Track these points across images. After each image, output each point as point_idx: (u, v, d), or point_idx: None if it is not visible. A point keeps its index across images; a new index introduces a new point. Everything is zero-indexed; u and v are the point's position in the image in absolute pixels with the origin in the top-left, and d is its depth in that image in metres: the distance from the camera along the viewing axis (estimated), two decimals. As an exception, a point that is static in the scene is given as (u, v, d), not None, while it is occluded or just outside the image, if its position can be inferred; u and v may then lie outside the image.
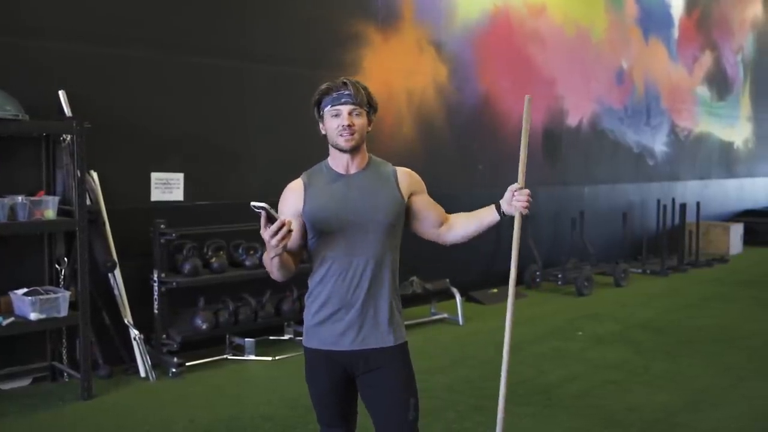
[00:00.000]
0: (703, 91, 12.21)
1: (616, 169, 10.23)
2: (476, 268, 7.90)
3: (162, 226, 5.14)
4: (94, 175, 5.00)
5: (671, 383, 5.00)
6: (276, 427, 4.15)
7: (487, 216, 2.64)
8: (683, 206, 10.32)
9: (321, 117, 2.52)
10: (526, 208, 2.55)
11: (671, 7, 11.22)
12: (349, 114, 2.45)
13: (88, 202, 4.74)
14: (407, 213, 2.58)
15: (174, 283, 5.17)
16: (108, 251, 4.93)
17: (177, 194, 5.53)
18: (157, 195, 5.44)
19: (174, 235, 5.14)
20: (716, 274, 9.69)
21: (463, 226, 2.65)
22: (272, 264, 2.37)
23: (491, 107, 8.12)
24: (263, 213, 2.19)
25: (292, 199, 2.52)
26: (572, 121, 9.31)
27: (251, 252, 5.61)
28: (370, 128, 2.54)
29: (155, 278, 5.19)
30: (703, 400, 4.66)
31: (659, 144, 11.13)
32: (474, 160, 7.98)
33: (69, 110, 4.83)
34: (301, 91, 6.44)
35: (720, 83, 12.66)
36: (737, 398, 4.71)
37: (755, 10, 13.57)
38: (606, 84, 9.92)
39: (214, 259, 5.42)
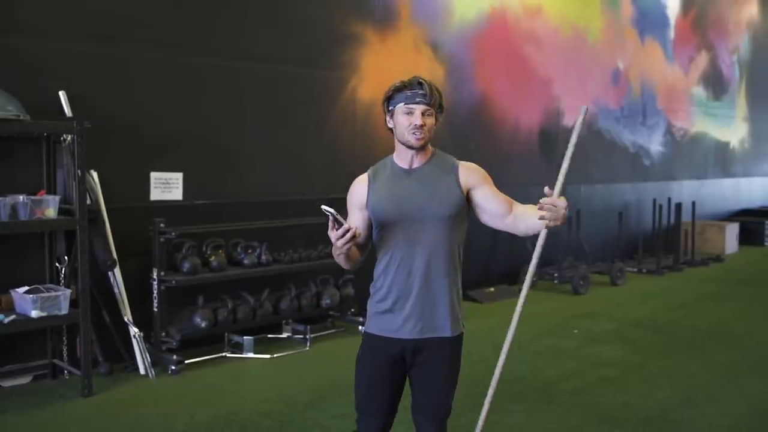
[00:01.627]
0: (699, 91, 12.27)
1: (613, 169, 10.29)
2: (474, 267, 7.94)
3: (161, 225, 5.19)
4: (94, 174, 5.04)
5: (666, 381, 5.05)
6: (274, 424, 4.19)
7: (532, 219, 2.56)
8: (679, 206, 10.39)
9: (390, 111, 2.59)
10: (553, 218, 2.46)
11: (667, 7, 11.28)
12: (422, 114, 2.53)
13: (88, 201, 4.78)
14: (473, 205, 2.63)
15: (173, 282, 5.21)
16: (108, 250, 4.97)
17: (176, 193, 5.57)
18: (156, 194, 5.48)
19: (173, 234, 5.18)
20: (712, 274, 9.75)
21: (521, 220, 2.60)
22: (338, 258, 2.53)
23: (488, 107, 8.17)
24: (330, 217, 2.35)
25: (358, 193, 2.64)
26: (568, 121, 9.36)
27: (250, 251, 5.65)
28: (436, 126, 2.61)
29: (155, 277, 5.23)
30: (697, 397, 4.71)
31: (655, 144, 11.19)
32: (471, 160, 8.00)
33: (69, 110, 4.87)
34: (300, 91, 6.54)
35: (716, 83, 12.72)
36: (732, 395, 4.77)
37: (751, 10, 13.63)
38: (602, 84, 9.98)
39: (213, 258, 5.47)
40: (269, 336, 5.94)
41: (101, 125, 4.99)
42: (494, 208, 2.63)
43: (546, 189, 2.49)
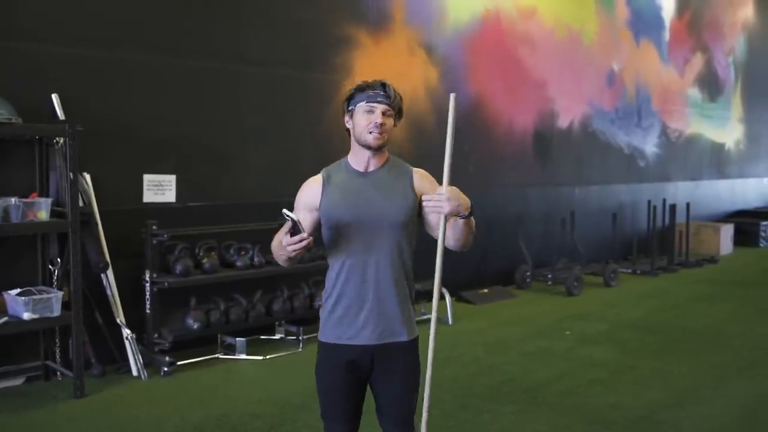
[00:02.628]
0: (695, 92, 12.30)
1: (607, 170, 10.32)
2: (467, 268, 7.97)
3: (154, 227, 5.21)
4: (87, 176, 5.07)
5: (656, 382, 5.08)
6: (264, 425, 4.22)
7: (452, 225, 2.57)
8: (673, 207, 10.42)
9: (350, 111, 2.58)
10: (433, 209, 2.47)
11: (662, 9, 11.31)
12: (383, 114, 2.52)
13: (81, 203, 4.81)
14: (418, 215, 2.63)
15: (166, 284, 5.24)
16: (100, 252, 4.99)
17: (169, 196, 5.60)
18: (149, 196, 5.50)
19: (166, 236, 5.20)
20: (706, 275, 9.77)
21: (450, 232, 2.61)
22: (280, 257, 2.52)
23: (482, 109, 8.20)
24: (290, 222, 2.35)
25: (310, 194, 2.59)
26: (563, 122, 9.40)
27: (242, 253, 5.68)
28: (392, 129, 2.61)
29: (147, 279, 5.25)
30: (687, 399, 4.74)
31: (650, 145, 11.22)
32: (465, 162, 8.05)
33: (62, 113, 4.89)
34: (293, 93, 6.56)
35: (711, 85, 12.75)
36: (720, 397, 4.80)
37: (746, 12, 13.66)
38: (597, 86, 10.01)
39: (205, 260, 5.49)
40: (262, 337, 5.97)
41: (95, 128, 5.02)
42: (436, 220, 2.61)
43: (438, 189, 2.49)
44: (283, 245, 2.39)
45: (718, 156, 13.10)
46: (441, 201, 2.44)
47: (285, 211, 2.36)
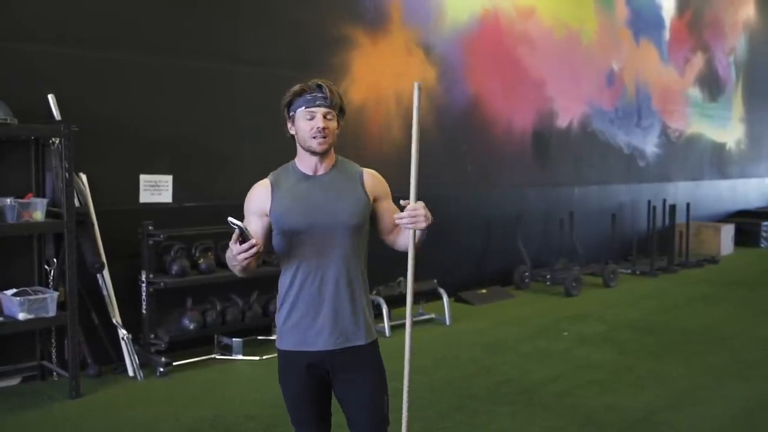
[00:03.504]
0: (695, 92, 12.28)
1: (607, 171, 10.30)
2: (466, 268, 7.96)
3: (150, 227, 5.21)
4: (83, 177, 5.07)
5: (654, 383, 5.06)
6: (259, 426, 4.21)
7: (404, 233, 2.57)
8: (673, 207, 10.39)
9: (291, 117, 2.53)
10: (411, 223, 2.42)
11: (662, 8, 11.29)
12: (324, 117, 2.47)
13: (77, 203, 4.81)
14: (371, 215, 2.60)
15: (162, 284, 5.23)
16: (96, 252, 4.99)
17: (166, 196, 5.59)
18: (146, 197, 5.50)
19: (162, 236, 5.20)
20: (705, 275, 9.75)
21: (401, 236, 2.61)
22: (234, 267, 2.46)
23: (480, 109, 8.18)
24: (237, 230, 2.29)
25: (259, 199, 2.54)
26: (562, 122, 9.38)
27: (239, 253, 5.66)
28: (338, 131, 2.56)
29: (143, 279, 5.25)
30: (684, 400, 4.73)
31: (650, 145, 11.20)
32: (463, 162, 8.04)
33: (58, 113, 4.88)
34: (290, 94, 6.54)
35: (712, 85, 12.72)
36: (718, 398, 4.78)
37: (747, 11, 13.63)
38: (596, 86, 9.99)
39: (202, 260, 5.48)
40: (259, 338, 5.96)
41: (91, 128, 5.02)
42: (388, 223, 2.61)
43: (402, 202, 2.46)
44: (233, 251, 2.34)
45: (719, 156, 13.07)
46: (418, 215, 2.40)
47: (230, 219, 2.28)
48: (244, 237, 2.30)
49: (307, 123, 2.47)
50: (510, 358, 5.64)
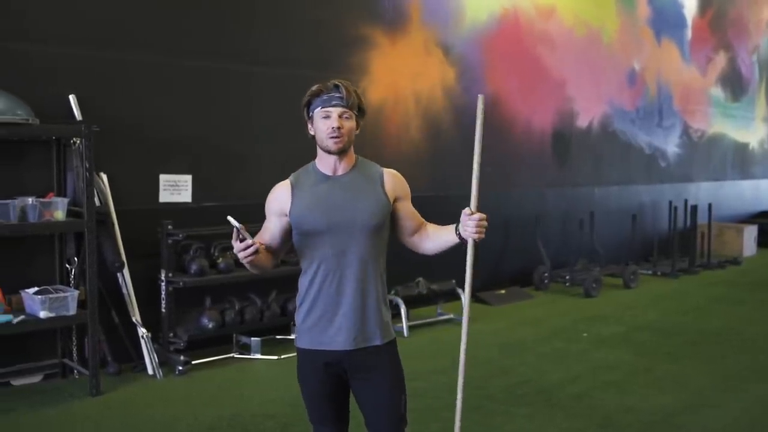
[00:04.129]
0: (717, 92, 12.15)
1: (628, 171, 10.23)
2: (484, 268, 7.94)
3: (169, 227, 5.25)
4: (104, 177, 5.12)
5: (672, 385, 5.03)
6: (276, 425, 4.24)
7: (447, 235, 2.63)
8: (694, 208, 10.29)
9: (310, 118, 2.55)
10: (477, 233, 2.51)
11: (684, 7, 11.19)
12: (339, 116, 2.48)
13: (98, 203, 4.86)
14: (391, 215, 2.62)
15: (181, 283, 5.27)
16: (116, 251, 5.04)
17: (185, 195, 5.64)
18: (165, 196, 5.55)
19: (181, 235, 5.24)
20: (727, 276, 9.66)
21: (431, 240, 2.66)
22: (247, 265, 2.50)
23: (499, 109, 8.16)
24: (235, 230, 2.34)
25: (279, 200, 2.57)
26: (582, 122, 9.33)
27: (258, 252, 5.69)
28: (357, 131, 2.57)
29: (163, 278, 5.30)
30: (702, 403, 4.69)
31: (672, 145, 11.11)
32: (482, 162, 8.01)
33: (79, 114, 4.94)
34: (309, 94, 6.56)
35: (735, 84, 12.59)
36: (737, 401, 4.74)
37: (771, 10, 13.48)
38: (617, 85, 9.92)
39: (220, 260, 5.52)
40: (278, 337, 5.99)
41: (112, 128, 5.08)
42: (409, 225, 2.64)
43: (466, 210, 2.52)
44: (234, 251, 2.39)
45: (742, 156, 12.93)
46: (482, 225, 2.50)
47: (229, 218, 2.34)
48: (241, 236, 2.34)
49: (323, 122, 2.49)
50: (528, 358, 5.63)
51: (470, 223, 2.49)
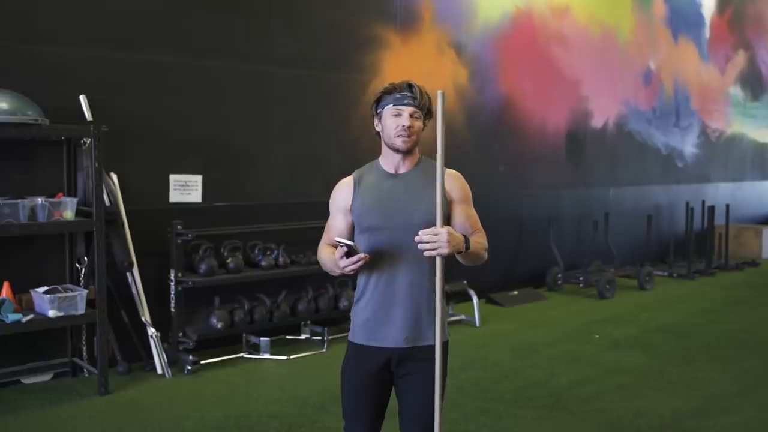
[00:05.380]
0: (736, 91, 12.01)
1: (643, 171, 10.13)
2: (497, 269, 7.89)
3: (179, 226, 5.26)
4: (114, 176, 5.14)
5: (684, 388, 4.96)
6: (282, 426, 4.23)
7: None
8: (712, 208, 10.17)
9: (378, 114, 2.57)
10: (434, 248, 2.39)
11: (702, 6, 11.06)
12: (410, 116, 2.51)
13: (108, 203, 4.88)
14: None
15: (190, 283, 5.28)
16: (126, 251, 5.06)
17: (195, 196, 5.65)
18: (175, 196, 5.56)
19: (190, 235, 5.25)
20: (745, 278, 9.54)
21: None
22: (332, 272, 2.57)
23: (513, 109, 8.11)
24: (344, 247, 2.39)
25: (343, 197, 2.61)
26: (597, 122, 9.25)
27: (267, 253, 5.70)
28: (423, 131, 2.58)
29: (172, 278, 5.31)
30: (714, 406, 4.63)
31: (689, 145, 10.99)
32: (495, 162, 7.98)
33: (90, 114, 4.96)
34: (320, 94, 6.57)
35: (754, 83, 12.43)
36: (749, 405, 4.67)
37: (792, 8, 13.29)
38: (633, 85, 9.83)
39: (230, 260, 5.52)
40: (287, 337, 5.99)
41: (122, 128, 5.10)
42: (461, 228, 2.59)
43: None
44: (339, 266, 2.42)
45: (762, 156, 12.77)
46: (440, 241, 2.38)
47: (338, 239, 2.42)
48: (351, 252, 2.39)
49: (393, 120, 2.52)
50: (538, 361, 5.58)
51: (423, 238, 2.40)
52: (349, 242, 2.39)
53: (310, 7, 6.31)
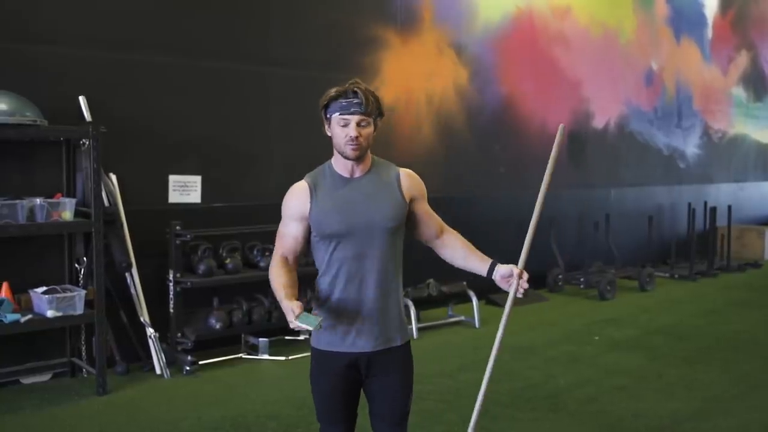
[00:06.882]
0: (739, 92, 11.98)
1: (645, 172, 10.11)
2: (497, 270, 7.87)
3: (178, 227, 5.27)
4: (113, 177, 5.15)
5: (682, 390, 4.95)
6: (280, 426, 4.23)
7: (478, 266, 2.72)
8: (714, 209, 10.14)
9: (328, 120, 2.53)
10: (523, 293, 2.63)
11: (704, 6, 11.04)
12: (358, 125, 2.46)
13: (107, 203, 4.89)
14: (408, 216, 2.62)
15: (189, 283, 5.29)
16: (125, 251, 5.06)
17: (194, 196, 5.65)
18: (175, 197, 5.57)
19: (189, 236, 5.25)
20: (747, 280, 9.51)
21: (457, 255, 2.69)
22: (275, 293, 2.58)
23: (513, 109, 8.10)
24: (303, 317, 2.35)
25: (298, 204, 2.54)
26: (598, 123, 9.24)
27: (266, 253, 5.69)
28: (375, 133, 2.55)
29: (171, 278, 5.31)
30: (712, 408, 4.61)
31: (691, 146, 10.96)
32: (495, 163, 7.98)
33: (89, 115, 4.97)
34: (320, 94, 6.52)
35: (757, 84, 12.40)
36: (748, 407, 4.65)
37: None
38: (634, 86, 9.81)
39: (228, 260, 5.53)
40: (286, 338, 5.98)
41: (121, 129, 5.11)
42: (427, 229, 2.67)
43: (514, 268, 2.69)
44: (290, 323, 2.36)
45: (765, 157, 12.73)
46: (523, 279, 2.65)
47: (296, 324, 2.33)
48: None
49: (341, 129, 2.47)
50: (536, 362, 5.57)
51: (522, 284, 2.65)
52: (310, 327, 2.31)
53: (310, 7, 6.31)
